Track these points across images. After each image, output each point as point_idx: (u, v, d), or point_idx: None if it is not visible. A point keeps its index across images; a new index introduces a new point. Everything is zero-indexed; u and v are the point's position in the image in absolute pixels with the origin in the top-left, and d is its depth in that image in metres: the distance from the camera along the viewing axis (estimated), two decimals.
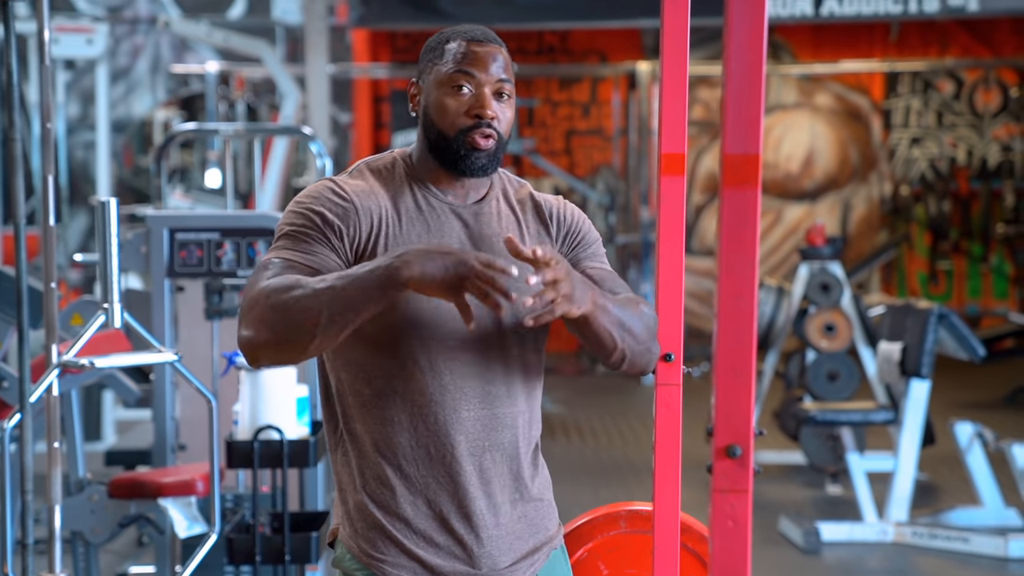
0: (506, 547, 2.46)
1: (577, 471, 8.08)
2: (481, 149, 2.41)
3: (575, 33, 13.56)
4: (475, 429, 2.41)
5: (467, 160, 2.42)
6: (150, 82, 13.13)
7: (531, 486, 2.50)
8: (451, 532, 2.42)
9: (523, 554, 2.48)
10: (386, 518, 2.41)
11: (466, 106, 2.41)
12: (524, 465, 2.49)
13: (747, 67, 2.03)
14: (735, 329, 2.03)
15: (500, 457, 2.44)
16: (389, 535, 2.41)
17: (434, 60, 2.45)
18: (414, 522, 2.41)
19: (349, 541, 2.45)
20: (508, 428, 2.45)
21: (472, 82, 2.41)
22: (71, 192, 11.43)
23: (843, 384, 7.79)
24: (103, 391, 8.15)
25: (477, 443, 2.42)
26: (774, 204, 13.76)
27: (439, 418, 2.39)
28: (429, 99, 2.44)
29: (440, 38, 2.47)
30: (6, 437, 3.78)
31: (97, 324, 3.75)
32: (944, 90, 13.80)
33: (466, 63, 2.41)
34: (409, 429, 2.40)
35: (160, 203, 6.26)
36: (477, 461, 2.42)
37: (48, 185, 3.70)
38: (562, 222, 2.56)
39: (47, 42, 3.68)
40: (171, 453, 4.96)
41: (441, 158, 2.44)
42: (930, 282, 13.87)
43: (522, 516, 2.49)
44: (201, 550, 4.03)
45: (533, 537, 2.50)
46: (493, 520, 2.44)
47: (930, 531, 6.44)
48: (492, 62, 2.43)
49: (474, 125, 2.41)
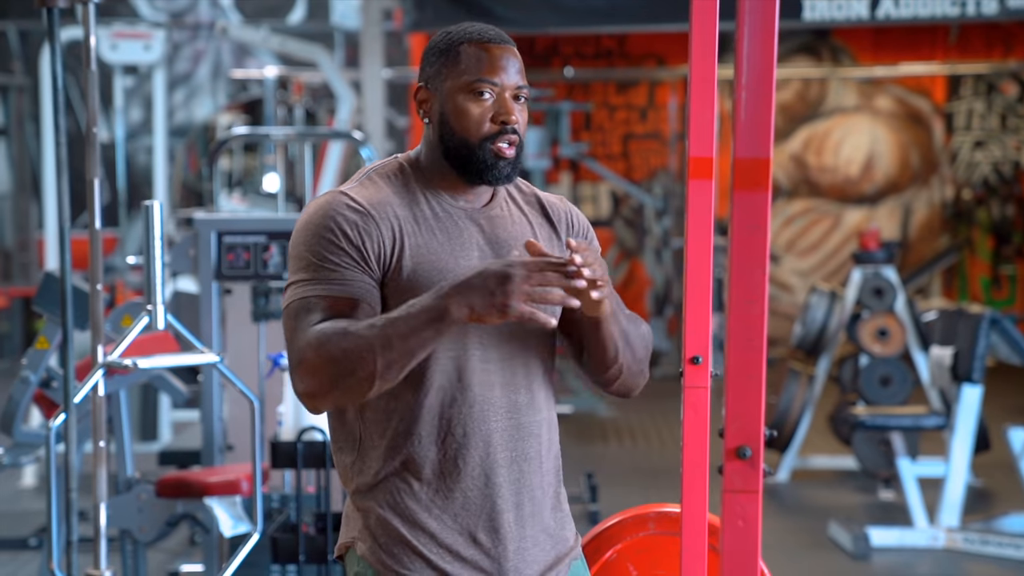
0: (531, 559, 2.42)
1: (628, 474, 8.08)
2: (506, 157, 2.38)
3: (632, 37, 13.55)
4: (502, 440, 2.39)
5: (493, 170, 2.38)
6: (211, 87, 13.28)
7: (554, 496, 2.49)
8: (479, 545, 2.38)
9: (547, 565, 2.45)
10: (411, 532, 2.37)
11: (490, 112, 2.37)
12: (548, 475, 2.47)
13: (758, 71, 2.04)
14: (745, 332, 2.05)
15: (527, 468, 2.42)
16: (414, 549, 2.36)
17: (448, 65, 2.39)
18: (440, 536, 2.37)
19: (370, 556, 2.39)
20: (534, 437, 2.43)
21: (494, 88, 2.38)
22: (131, 196, 11.58)
23: (896, 389, 7.74)
24: (159, 392, 8.26)
25: (505, 454, 2.39)
26: (833, 208, 13.69)
27: (468, 430, 2.36)
28: (447, 106, 2.39)
29: (450, 40, 2.41)
30: (52, 437, 3.86)
31: (141, 325, 3.82)
32: (1008, 92, 13.66)
33: (488, 70, 2.37)
34: (436, 442, 2.36)
35: (212, 206, 6.34)
36: (505, 472, 2.39)
37: (94, 189, 3.77)
38: (571, 227, 2.53)
39: (92, 48, 3.75)
40: (219, 453, 5.03)
41: (461, 166, 2.39)
42: (993, 287, 13.74)
43: (545, 527, 2.46)
44: (243, 549, 4.08)
45: (555, 548, 2.47)
46: (519, 532, 2.41)
47: (982, 537, 6.40)
48: (511, 66, 2.39)
49: (499, 132, 2.37)
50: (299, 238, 2.35)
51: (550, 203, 2.54)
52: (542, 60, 13.60)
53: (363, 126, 9.40)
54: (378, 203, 2.36)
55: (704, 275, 2.52)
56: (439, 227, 2.38)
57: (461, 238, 2.39)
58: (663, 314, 12.40)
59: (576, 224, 2.54)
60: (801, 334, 8.16)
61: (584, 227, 2.55)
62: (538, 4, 9.27)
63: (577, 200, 13.74)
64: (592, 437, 9.39)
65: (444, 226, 2.39)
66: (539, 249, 2.23)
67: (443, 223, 2.39)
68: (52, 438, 3.86)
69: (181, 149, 12.64)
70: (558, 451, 2.51)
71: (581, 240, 2.26)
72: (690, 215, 2.53)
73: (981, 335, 6.57)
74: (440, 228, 2.38)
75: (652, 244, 12.75)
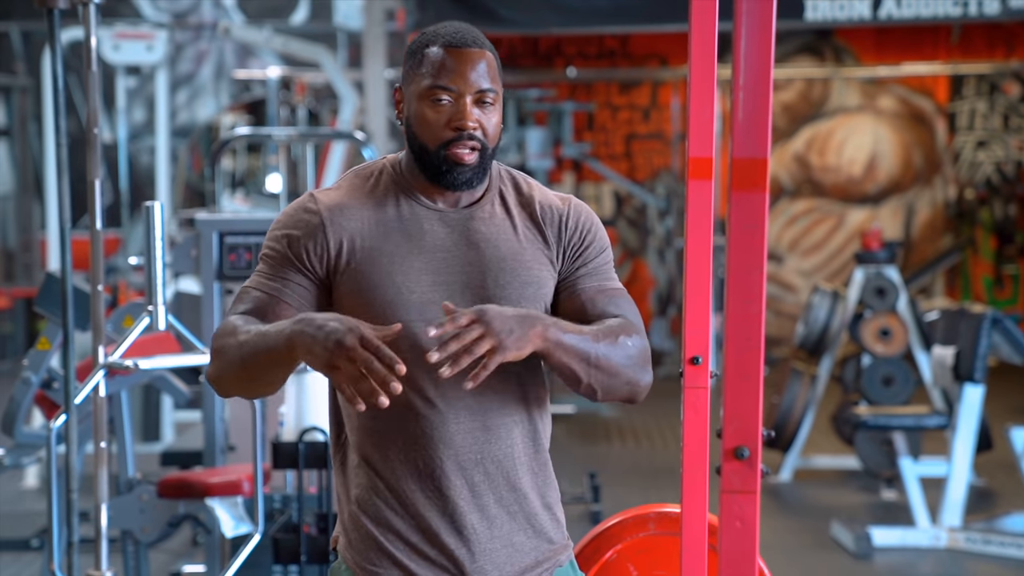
0: (502, 561, 2.39)
1: (630, 474, 8.08)
2: (465, 163, 2.36)
3: (635, 37, 13.55)
4: (466, 442, 2.36)
5: (450, 175, 2.37)
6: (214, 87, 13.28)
7: (532, 497, 2.43)
8: (441, 547, 2.37)
9: (521, 569, 2.42)
10: (378, 529, 2.38)
11: (446, 117, 2.35)
12: (523, 476, 2.42)
13: (756, 72, 2.04)
14: (743, 332, 2.05)
15: (495, 469, 2.38)
16: (381, 547, 2.37)
17: (414, 67, 2.38)
18: (405, 535, 2.37)
19: (345, 552, 2.42)
20: (502, 439, 2.38)
21: (451, 93, 2.35)
22: (133, 197, 11.59)
23: (898, 389, 7.74)
24: (162, 392, 8.26)
25: (468, 456, 2.36)
26: (836, 208, 13.68)
27: (427, 431, 2.35)
28: (410, 110, 2.39)
29: (420, 41, 2.40)
30: (53, 437, 3.86)
31: (142, 326, 3.82)
32: (1010, 92, 13.65)
33: (443, 75, 2.34)
34: (397, 442, 2.36)
35: (215, 206, 6.34)
36: (468, 475, 2.36)
37: (95, 190, 3.77)
38: (564, 229, 2.48)
39: (93, 48, 3.75)
40: (221, 454, 5.03)
41: (425, 170, 2.39)
42: (995, 286, 13.72)
43: (521, 529, 2.42)
44: (245, 550, 4.09)
45: (535, 551, 2.43)
46: (487, 534, 2.38)
47: (984, 537, 6.40)
48: (472, 69, 2.35)
49: (455, 138, 2.35)
50: (269, 231, 2.45)
51: (548, 204, 2.49)
52: (545, 60, 13.60)
53: (366, 126, 9.40)
54: (335, 207, 2.40)
55: (704, 275, 2.52)
56: (400, 229, 2.38)
57: (422, 241, 2.38)
58: (666, 314, 12.40)
59: (569, 227, 2.48)
60: (803, 334, 8.16)
61: (584, 227, 2.49)
62: (540, 4, 9.26)
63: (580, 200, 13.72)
64: (595, 437, 9.39)
65: (406, 228, 2.39)
66: (448, 308, 2.21)
67: (406, 225, 2.39)
68: (53, 439, 3.86)
69: (184, 150, 12.64)
70: (542, 453, 2.46)
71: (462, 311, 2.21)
72: (690, 215, 2.53)
73: (983, 335, 6.57)
74: (401, 230, 2.38)
75: (655, 244, 12.75)
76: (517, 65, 13.36)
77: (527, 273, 2.41)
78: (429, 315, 2.33)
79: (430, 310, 2.34)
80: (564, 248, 2.47)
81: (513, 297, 2.39)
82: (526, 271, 2.42)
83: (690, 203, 2.53)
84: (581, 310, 2.44)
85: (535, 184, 2.53)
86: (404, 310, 2.33)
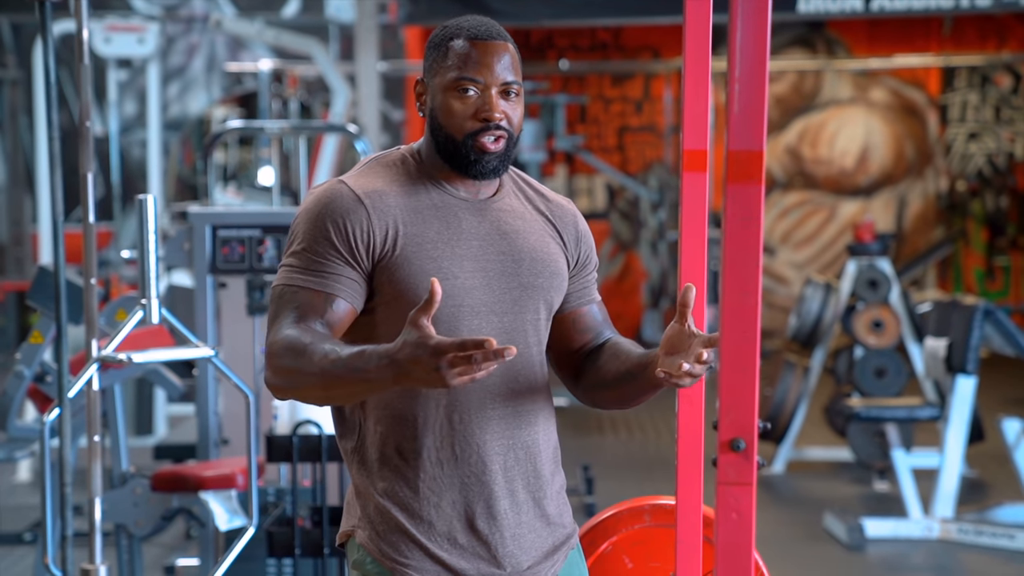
0: (528, 546, 2.43)
1: (624, 466, 8.09)
2: (491, 152, 2.39)
3: (628, 29, 13.55)
4: (500, 427, 2.39)
5: (478, 164, 2.39)
6: (205, 80, 13.25)
7: (551, 483, 2.48)
8: (475, 533, 2.39)
9: (544, 553, 2.46)
10: (408, 520, 2.38)
11: (473, 109, 2.38)
12: (545, 462, 2.47)
13: (751, 64, 2.04)
14: (739, 324, 2.05)
15: (524, 455, 2.42)
16: (412, 537, 2.37)
17: (438, 60, 2.41)
18: (437, 524, 2.38)
19: (369, 544, 2.40)
20: (531, 425, 2.43)
21: (477, 85, 2.38)
22: (125, 190, 11.57)
23: (891, 380, 7.75)
24: (155, 386, 8.25)
25: (502, 441, 2.40)
26: (828, 200, 13.69)
27: (464, 417, 2.37)
28: (435, 101, 2.41)
29: (443, 34, 2.42)
30: (47, 431, 3.86)
31: (135, 319, 3.81)
32: (1002, 84, 13.67)
33: (470, 68, 2.37)
34: (433, 429, 2.37)
35: (207, 199, 6.33)
36: (502, 459, 2.39)
37: (88, 183, 3.76)
38: (580, 238, 2.56)
39: (85, 41, 3.74)
40: (214, 447, 5.03)
41: (451, 160, 2.41)
42: (987, 278, 13.74)
43: (542, 515, 2.46)
44: (239, 543, 4.09)
45: (552, 536, 2.48)
46: (516, 519, 2.42)
47: (976, 528, 6.41)
48: (497, 62, 2.39)
49: (482, 128, 2.38)
50: (298, 223, 2.39)
51: (557, 204, 2.56)
52: (537, 53, 13.59)
53: (358, 119, 9.40)
54: (375, 192, 2.38)
55: (699, 267, 2.52)
56: (437, 216, 2.39)
57: (459, 228, 2.40)
58: (659, 307, 12.40)
59: (580, 231, 2.56)
60: (796, 326, 8.16)
61: (589, 238, 2.58)
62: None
63: (573, 193, 13.74)
64: (588, 429, 9.39)
65: (442, 215, 2.40)
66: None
67: (442, 212, 2.40)
68: (47, 433, 3.86)
69: (176, 143, 12.62)
70: (556, 439, 2.51)
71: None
72: (684, 208, 2.53)
73: (975, 326, 6.58)
74: (438, 217, 2.39)
75: (648, 237, 12.75)
76: None
77: (554, 264, 2.47)
78: (471, 300, 2.37)
79: (472, 296, 2.37)
80: (577, 255, 2.54)
81: (545, 286, 2.45)
82: (553, 263, 2.47)
83: (684, 196, 2.54)
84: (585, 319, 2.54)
85: (533, 180, 2.58)
86: (449, 295, 2.35)
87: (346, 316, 2.34)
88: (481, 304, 2.37)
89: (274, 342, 2.28)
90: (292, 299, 2.32)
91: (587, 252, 2.56)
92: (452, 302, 2.35)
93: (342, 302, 2.33)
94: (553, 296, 2.47)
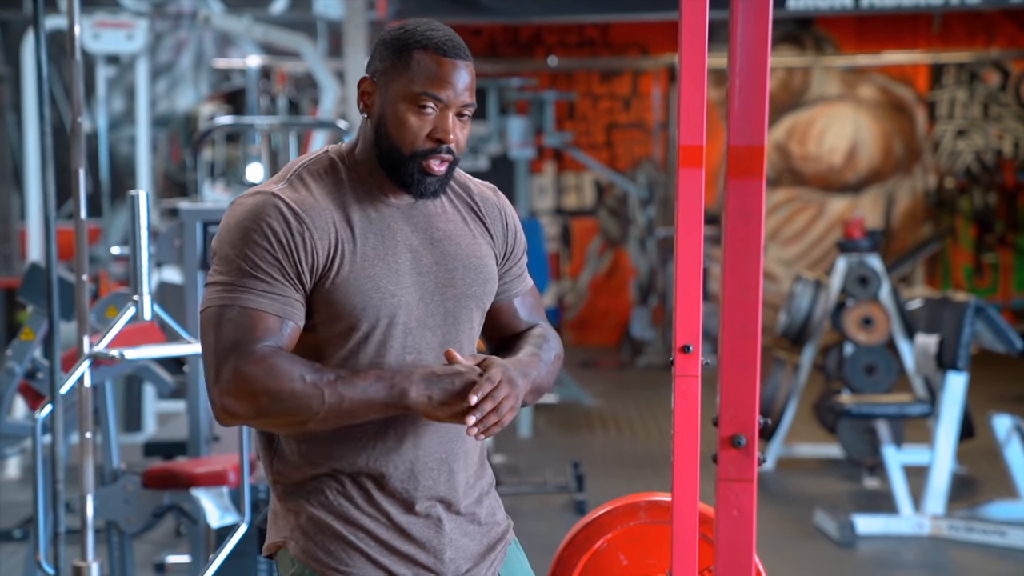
0: (467, 550, 2.44)
1: (614, 464, 8.08)
2: (435, 175, 2.34)
3: (616, 26, 13.54)
4: (432, 442, 2.39)
5: (420, 185, 2.35)
6: (193, 77, 13.22)
7: (482, 486, 2.50)
8: (413, 540, 2.38)
9: (482, 553, 2.47)
10: (347, 528, 2.35)
11: (429, 127, 2.32)
12: (478, 465, 2.48)
13: (752, 59, 2.03)
14: (740, 320, 2.04)
15: (456, 466, 2.42)
16: (352, 545, 2.35)
17: (398, 67, 2.33)
18: (376, 532, 2.36)
19: (304, 555, 2.36)
20: (461, 434, 2.42)
21: (438, 104, 2.32)
22: (114, 187, 11.53)
23: (881, 377, 7.76)
24: (143, 383, 8.23)
25: (436, 456, 2.39)
26: (816, 197, 13.70)
27: (401, 431, 2.36)
28: (387, 108, 2.33)
29: (406, 40, 2.34)
30: (39, 428, 3.84)
31: (127, 316, 3.80)
32: (990, 81, 13.69)
33: (435, 84, 2.31)
34: (373, 440, 2.35)
35: (197, 196, 6.31)
36: (435, 473, 2.39)
37: (79, 179, 3.75)
38: (506, 229, 2.53)
39: (76, 37, 3.72)
40: (205, 444, 5.01)
41: (391, 172, 2.35)
42: (975, 275, 13.76)
43: (476, 518, 2.47)
44: (231, 540, 4.07)
45: (486, 537, 2.49)
46: (456, 526, 2.42)
47: (967, 524, 6.41)
48: (460, 82, 2.33)
49: (433, 149, 2.32)
50: (227, 238, 2.28)
51: (483, 197, 2.52)
52: (525, 49, 13.58)
53: (347, 116, 9.37)
54: (311, 207, 2.31)
55: (695, 263, 2.51)
56: (372, 231, 2.34)
57: (394, 240, 2.35)
58: (647, 303, 12.40)
59: (511, 225, 2.54)
60: (786, 323, 8.16)
61: (515, 225, 2.56)
62: None
63: (561, 189, 13.73)
64: (577, 427, 9.39)
65: (377, 229, 2.35)
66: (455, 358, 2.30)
67: (376, 226, 2.35)
68: (39, 429, 3.84)
69: (163, 139, 12.58)
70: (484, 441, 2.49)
71: (490, 371, 2.31)
72: (680, 203, 2.52)
73: (966, 323, 6.59)
74: (373, 232, 2.34)
75: (636, 233, 12.74)
76: (498, 54, 13.34)
77: (486, 269, 2.45)
78: (405, 318, 2.34)
79: (408, 312, 2.34)
80: (505, 247, 2.52)
81: (478, 294, 2.43)
82: (485, 267, 2.45)
83: (681, 191, 2.52)
84: (511, 314, 2.55)
85: (458, 171, 2.52)
86: (389, 315, 2.33)
87: (295, 337, 2.30)
88: (416, 321, 2.35)
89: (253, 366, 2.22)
90: (245, 321, 2.25)
91: (514, 239, 2.53)
92: (392, 321, 2.32)
93: (291, 324, 2.28)
94: (486, 302, 2.46)
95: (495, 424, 2.28)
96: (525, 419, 8.99)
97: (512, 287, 2.54)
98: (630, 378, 11.69)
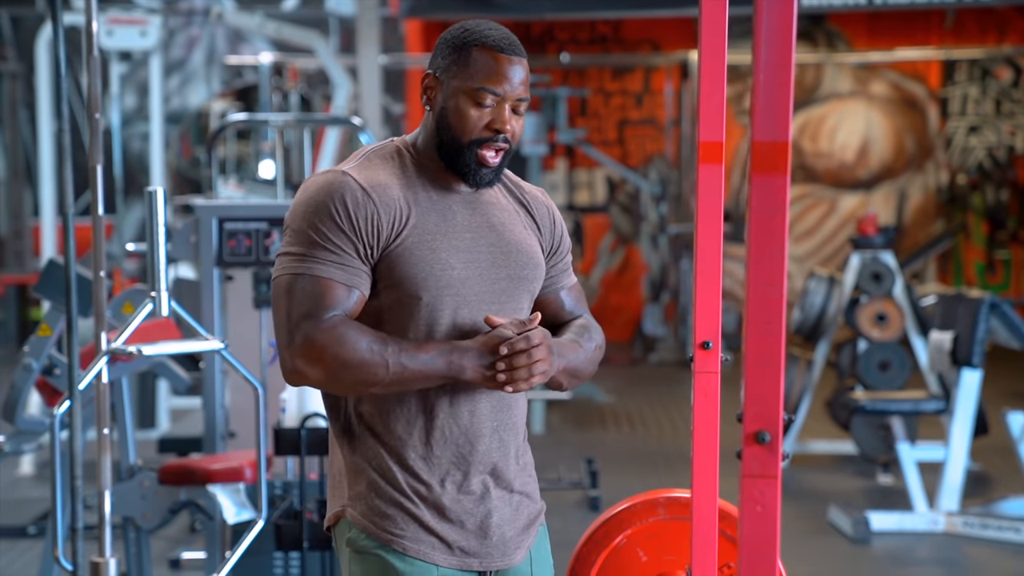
0: (512, 520, 2.57)
1: (627, 460, 8.08)
2: (489, 166, 2.52)
3: (628, 22, 13.53)
4: (487, 411, 2.53)
5: (475, 174, 2.52)
6: (205, 74, 13.24)
7: (526, 461, 2.63)
8: (465, 507, 2.51)
9: (521, 528, 2.59)
10: (403, 496, 2.48)
11: (487, 119, 2.50)
12: (523, 441, 2.62)
13: (777, 55, 2.03)
14: (764, 316, 2.04)
15: (509, 436, 2.56)
16: (406, 510, 2.48)
17: (459, 64, 2.51)
18: (429, 498, 2.49)
19: (363, 520, 2.50)
20: (513, 408, 2.57)
21: (496, 97, 2.49)
22: (126, 183, 11.54)
23: (895, 374, 7.74)
24: (158, 379, 8.24)
25: (489, 424, 2.53)
26: (828, 193, 13.68)
27: (455, 400, 2.50)
28: (449, 101, 2.51)
29: (466, 38, 2.52)
30: (56, 424, 3.85)
31: (145, 312, 3.80)
32: (1002, 77, 13.66)
33: (493, 79, 2.49)
34: (428, 411, 2.49)
35: (211, 193, 6.32)
36: (488, 441, 2.53)
37: (96, 175, 3.75)
38: (554, 227, 2.69)
39: (94, 33, 3.73)
40: (221, 440, 5.02)
41: (450, 161, 2.52)
42: (987, 272, 13.74)
43: (522, 491, 2.60)
44: (248, 536, 4.08)
45: (528, 510, 2.61)
46: (504, 496, 2.56)
47: (981, 521, 6.40)
48: (516, 77, 2.51)
49: (489, 138, 2.50)
50: (300, 212, 2.47)
51: (533, 196, 2.69)
52: (538, 46, 13.58)
53: (359, 112, 9.38)
54: (379, 185, 2.48)
55: (715, 260, 2.51)
56: (434, 209, 2.51)
57: (453, 220, 2.52)
58: (660, 300, 12.39)
59: (554, 221, 2.70)
60: (799, 319, 8.15)
61: (561, 225, 2.73)
62: None
63: (573, 186, 13.72)
64: (591, 423, 9.39)
65: (438, 208, 2.52)
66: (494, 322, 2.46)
67: (438, 206, 2.52)
68: (57, 425, 3.84)
69: (174, 136, 12.60)
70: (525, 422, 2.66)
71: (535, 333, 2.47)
72: (700, 200, 2.52)
73: (981, 319, 6.58)
74: (435, 210, 2.51)
75: (648, 230, 12.73)
76: None
77: (536, 256, 2.61)
78: (466, 291, 2.49)
79: (467, 286, 2.50)
80: (552, 242, 2.68)
81: (528, 277, 2.58)
82: (536, 255, 2.62)
83: (700, 187, 2.52)
84: (557, 305, 2.69)
85: (509, 172, 2.69)
86: (447, 286, 2.48)
87: (361, 305, 2.47)
88: (474, 295, 2.50)
89: (323, 333, 2.40)
90: (313, 290, 2.42)
91: (560, 236, 2.70)
92: (449, 292, 2.48)
93: (358, 292, 2.45)
94: (536, 287, 2.61)
95: (525, 379, 2.42)
96: (538, 415, 9.00)
97: (558, 280, 2.68)
98: (642, 374, 11.68)
